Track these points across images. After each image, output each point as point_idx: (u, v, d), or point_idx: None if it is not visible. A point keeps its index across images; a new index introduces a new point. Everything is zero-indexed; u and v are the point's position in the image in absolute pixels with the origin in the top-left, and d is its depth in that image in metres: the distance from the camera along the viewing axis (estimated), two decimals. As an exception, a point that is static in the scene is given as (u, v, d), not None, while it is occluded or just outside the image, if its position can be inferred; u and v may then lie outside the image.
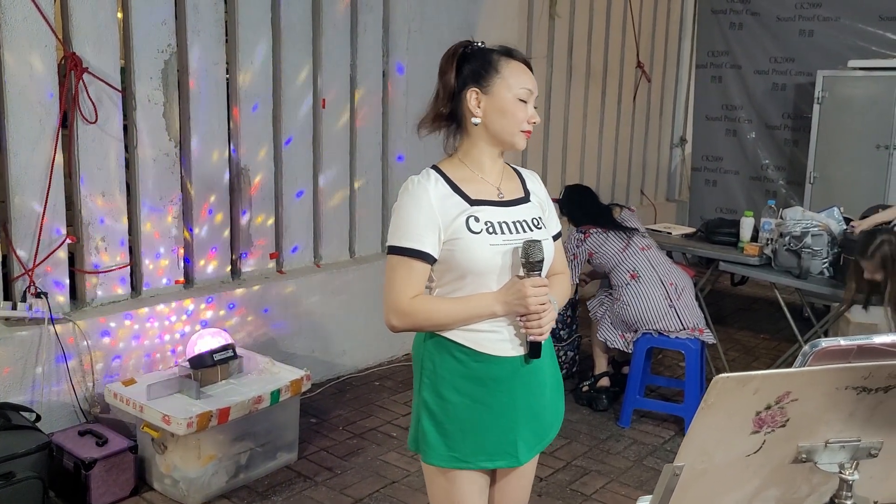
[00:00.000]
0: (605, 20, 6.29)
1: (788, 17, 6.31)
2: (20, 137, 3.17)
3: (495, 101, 1.89)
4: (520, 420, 1.95)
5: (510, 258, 1.87)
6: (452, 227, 1.86)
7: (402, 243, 1.87)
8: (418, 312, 1.88)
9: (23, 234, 3.23)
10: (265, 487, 3.31)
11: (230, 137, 3.95)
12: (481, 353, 1.91)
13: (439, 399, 1.94)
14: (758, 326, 5.70)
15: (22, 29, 3.11)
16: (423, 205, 1.86)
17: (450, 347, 1.92)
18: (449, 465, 1.95)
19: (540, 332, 1.89)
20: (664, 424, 4.01)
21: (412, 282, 1.87)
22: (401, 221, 1.88)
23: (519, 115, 1.89)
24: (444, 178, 1.91)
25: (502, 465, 1.98)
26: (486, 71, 1.90)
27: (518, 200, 1.97)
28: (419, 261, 1.86)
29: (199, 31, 3.69)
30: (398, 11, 4.55)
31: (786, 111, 6.44)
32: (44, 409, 3.21)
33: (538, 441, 2.03)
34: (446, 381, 1.93)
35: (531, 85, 1.90)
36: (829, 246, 4.04)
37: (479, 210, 1.88)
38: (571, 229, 4.26)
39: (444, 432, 1.93)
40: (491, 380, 1.92)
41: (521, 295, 1.84)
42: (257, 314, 4.05)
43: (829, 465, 1.10)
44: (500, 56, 1.91)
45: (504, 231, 1.88)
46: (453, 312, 1.88)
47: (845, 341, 1.04)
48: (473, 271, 1.87)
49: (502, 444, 1.95)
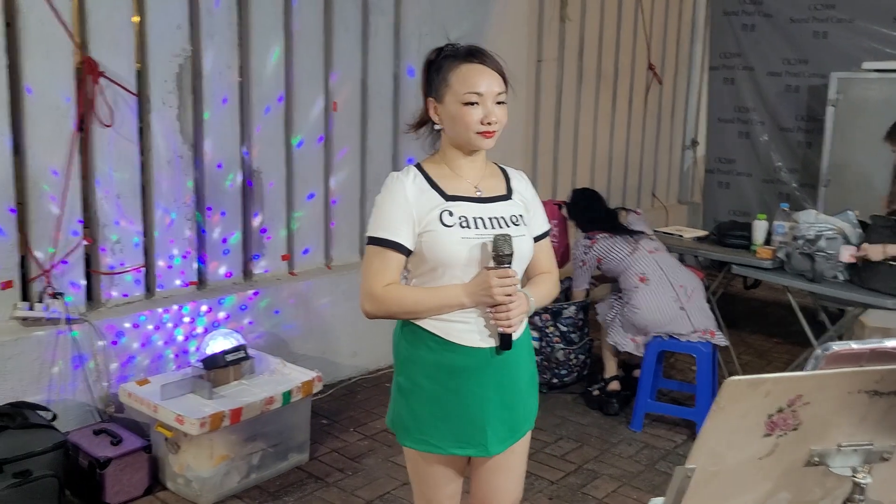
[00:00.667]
0: (615, 22, 6.28)
1: (802, 18, 6.28)
2: (38, 140, 3.21)
3: (447, 109, 1.97)
4: (490, 411, 2.01)
5: (482, 252, 1.94)
6: (426, 220, 1.94)
7: (377, 234, 1.96)
8: (390, 300, 1.96)
9: (40, 235, 3.27)
10: (277, 488, 3.33)
11: (243, 140, 3.97)
12: (451, 342, 1.98)
13: (412, 384, 2.03)
14: (771, 330, 5.68)
15: (39, 34, 3.15)
16: (398, 199, 1.96)
17: (422, 336, 2.00)
18: (419, 448, 2.04)
19: (508, 324, 1.94)
20: (676, 428, 4.00)
21: (386, 270, 1.96)
22: (378, 214, 1.98)
23: (467, 119, 1.94)
24: (423, 174, 2.01)
25: (472, 453, 2.04)
26: (437, 81, 1.98)
27: (497, 198, 2.04)
28: (393, 251, 1.95)
29: (213, 34, 3.72)
30: (409, 15, 4.57)
31: (799, 113, 6.40)
32: (60, 408, 3.25)
33: (510, 434, 2.08)
34: (419, 367, 2.02)
35: (481, 87, 1.93)
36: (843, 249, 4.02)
37: (454, 205, 1.96)
38: (579, 235, 4.27)
39: (415, 416, 2.03)
40: (461, 369, 1.98)
41: (486, 286, 1.90)
42: (269, 315, 4.07)
43: (841, 468, 1.10)
44: (451, 62, 1.97)
45: (478, 226, 1.95)
46: (422, 301, 1.97)
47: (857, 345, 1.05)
48: (445, 263, 1.95)
49: (471, 433, 2.01)
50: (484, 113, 1.93)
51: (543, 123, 5.79)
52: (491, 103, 1.94)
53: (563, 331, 4.42)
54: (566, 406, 4.26)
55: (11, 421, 2.84)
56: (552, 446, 3.78)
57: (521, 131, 5.41)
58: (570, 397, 4.37)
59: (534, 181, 5.97)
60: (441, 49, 2.02)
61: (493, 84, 1.95)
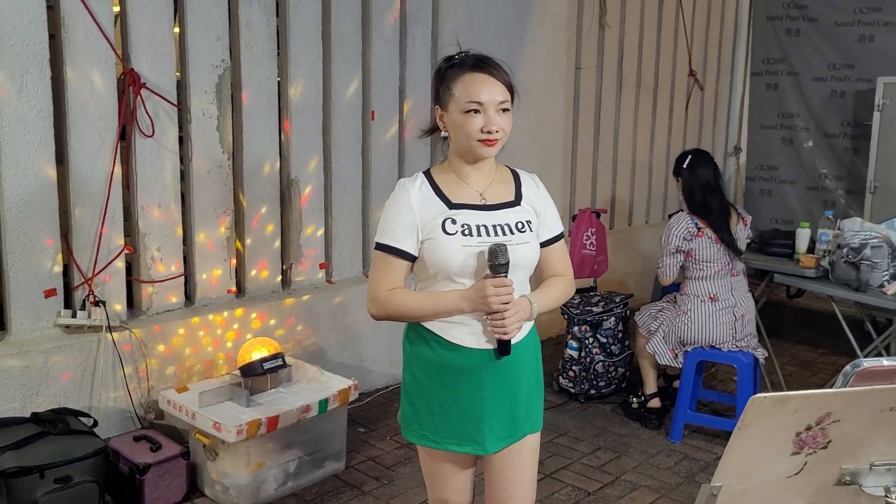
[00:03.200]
0: (656, 29, 6.22)
1: (847, 22, 6.15)
2: (81, 151, 3.28)
3: (451, 117, 2.02)
4: (488, 410, 2.06)
5: (481, 259, 1.98)
6: (429, 228, 2.00)
7: (382, 240, 2.05)
8: (392, 304, 2.04)
9: (83, 244, 3.34)
10: (313, 496, 3.34)
11: (281, 149, 4.01)
12: (451, 342, 2.04)
13: (415, 381, 2.12)
14: (816, 340, 5.56)
15: (83, 47, 3.23)
16: (403, 206, 2.03)
17: (425, 336, 2.07)
18: (419, 443, 2.14)
19: (504, 331, 1.98)
20: (716, 440, 3.93)
21: (389, 275, 2.04)
22: (384, 220, 2.06)
23: (467, 127, 1.97)
24: (430, 181, 2.07)
25: (469, 450, 2.10)
26: (442, 90, 2.03)
27: (504, 205, 2.07)
28: (396, 257, 2.03)
29: (251, 46, 3.77)
30: (447, 24, 4.58)
31: (845, 119, 6.27)
32: (101, 414, 3.31)
33: (508, 434, 2.12)
34: (421, 365, 2.10)
35: (482, 96, 1.96)
36: (889, 258, 3.92)
37: (458, 213, 2.01)
38: (682, 213, 3.87)
39: (417, 412, 2.12)
40: (459, 369, 2.05)
41: (483, 294, 1.95)
42: (307, 323, 4.10)
43: (874, 488, 1.07)
44: (456, 71, 2.01)
45: (481, 234, 2.00)
46: (422, 306, 2.04)
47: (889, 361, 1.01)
48: (445, 270, 2.00)
49: (469, 430, 2.07)
50: (485, 121, 1.96)
51: (582, 131, 5.75)
52: (492, 112, 1.97)
53: (603, 342, 4.37)
54: (605, 416, 4.22)
55: (53, 427, 2.90)
56: (590, 457, 3.75)
57: (560, 139, 5.38)
58: (609, 407, 4.33)
59: (573, 189, 5.93)
60: (451, 58, 2.06)
61: (496, 93, 1.97)
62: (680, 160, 3.95)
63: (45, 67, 3.12)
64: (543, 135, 5.14)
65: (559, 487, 3.44)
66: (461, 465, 2.18)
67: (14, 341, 3.18)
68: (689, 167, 3.87)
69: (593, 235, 4.74)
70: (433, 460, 2.17)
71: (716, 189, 3.84)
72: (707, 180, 3.83)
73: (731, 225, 3.84)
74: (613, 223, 6.17)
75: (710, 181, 3.83)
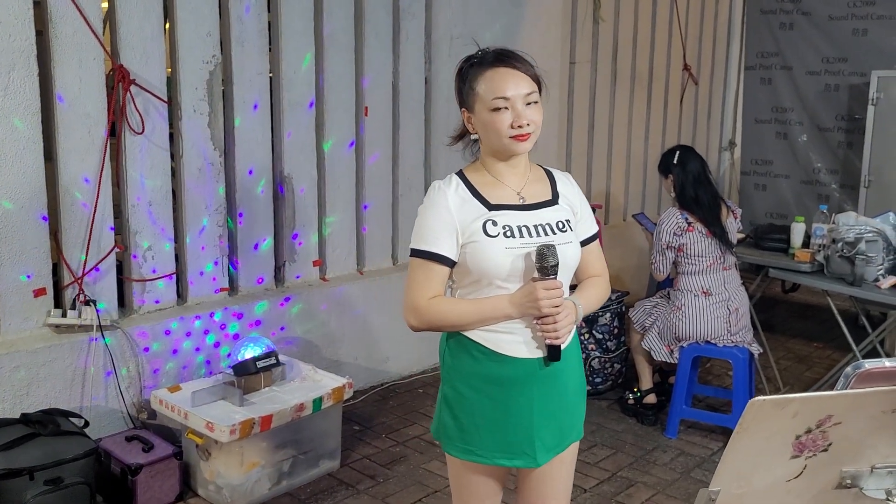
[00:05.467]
0: (650, 23, 6.20)
1: (841, 16, 6.13)
2: (70, 148, 3.25)
3: (478, 118, 1.95)
4: (537, 422, 1.97)
5: (526, 262, 1.90)
6: (470, 231, 1.91)
7: (420, 246, 1.94)
8: (433, 313, 1.94)
9: (72, 242, 3.31)
10: (307, 495, 3.32)
11: (274, 146, 3.98)
12: (498, 353, 1.94)
13: (457, 394, 2.00)
14: (811, 334, 5.55)
15: (72, 43, 3.19)
16: (440, 209, 1.93)
17: (468, 346, 1.97)
18: (464, 458, 2.01)
19: (556, 336, 1.90)
20: (712, 435, 3.92)
21: (429, 283, 1.94)
22: (420, 225, 1.96)
23: (497, 126, 1.90)
24: (465, 183, 1.97)
25: (519, 464, 2.01)
26: (466, 91, 1.96)
27: (543, 204, 2.00)
28: (436, 263, 1.92)
29: (242, 41, 3.73)
30: (440, 19, 4.55)
31: (839, 113, 6.26)
32: (92, 414, 3.28)
33: (557, 444, 2.04)
34: (464, 377, 1.98)
35: (507, 90, 1.89)
36: (884, 252, 3.91)
37: (498, 214, 1.92)
38: (672, 208, 3.88)
39: (460, 426, 1.99)
40: (507, 380, 1.95)
41: (533, 297, 1.86)
42: (300, 321, 4.07)
43: (875, 490, 1.05)
44: (477, 70, 1.94)
45: (523, 234, 1.91)
46: (467, 314, 1.93)
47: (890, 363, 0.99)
48: (489, 274, 1.91)
49: (519, 443, 1.98)
50: (513, 116, 1.89)
51: (577, 126, 5.73)
52: (520, 106, 1.89)
53: (599, 338, 4.35)
54: (601, 412, 4.20)
55: (43, 428, 2.87)
56: (586, 453, 3.73)
57: (554, 134, 5.35)
58: (605, 403, 4.31)
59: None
60: (470, 57, 1.99)
61: (521, 86, 1.90)
62: (668, 157, 3.95)
63: (32, 64, 3.08)
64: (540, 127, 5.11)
65: (555, 485, 3.42)
66: (500, 480, 2.09)
67: (3, 341, 3.15)
68: (679, 163, 3.87)
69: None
70: (471, 475, 2.05)
71: (706, 182, 3.86)
72: (697, 173, 3.85)
73: (722, 218, 3.84)
74: (608, 218, 6.14)
75: (699, 174, 3.85)
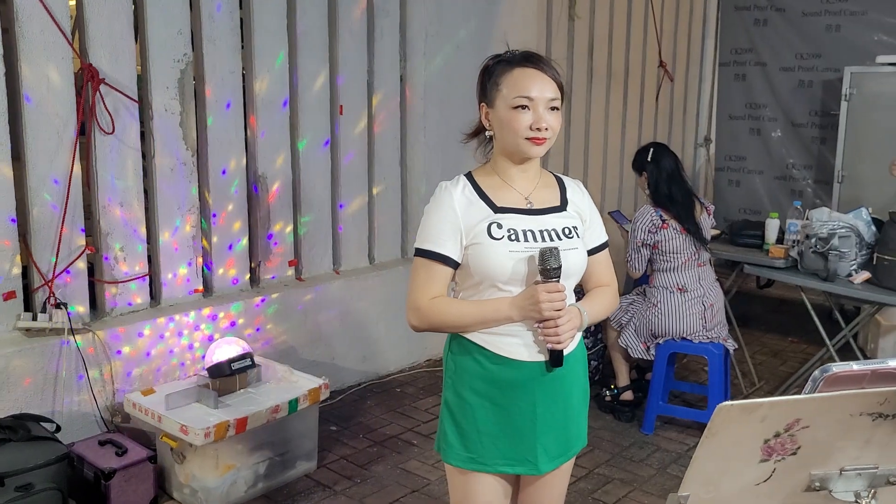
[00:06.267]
0: (625, 20, 6.21)
1: (814, 12, 6.19)
2: (38, 149, 3.19)
3: (498, 114, 1.92)
4: (540, 427, 1.94)
5: (529, 266, 1.88)
6: (474, 233, 1.89)
7: (424, 246, 1.93)
8: (434, 313, 1.92)
9: (42, 245, 3.25)
10: (284, 497, 3.30)
11: (247, 145, 3.94)
12: (500, 356, 1.92)
13: (459, 399, 1.97)
14: (786, 329, 5.60)
15: (39, 41, 3.13)
16: (446, 210, 1.91)
17: (470, 349, 1.95)
18: (465, 466, 1.97)
19: (557, 340, 1.87)
20: (688, 431, 3.94)
21: (432, 283, 1.92)
22: (425, 225, 1.95)
23: (515, 124, 1.88)
24: (473, 184, 1.96)
25: (521, 471, 1.98)
26: (489, 85, 1.94)
27: (550, 209, 1.98)
28: (439, 263, 1.91)
29: (214, 39, 3.69)
30: (415, 15, 4.52)
31: (812, 108, 6.31)
32: (64, 419, 3.23)
33: (561, 452, 2.00)
34: (466, 382, 1.96)
35: (532, 91, 1.87)
36: (856, 248, 3.94)
37: (503, 217, 1.91)
38: (647, 206, 3.88)
39: (462, 433, 1.96)
40: (509, 384, 1.92)
41: (535, 300, 1.84)
42: (276, 322, 4.04)
43: (844, 493, 1.05)
44: (504, 66, 1.92)
45: (528, 239, 1.90)
46: (468, 315, 1.92)
47: (858, 366, 0.99)
48: (491, 277, 1.89)
49: (521, 450, 1.95)
50: (534, 118, 1.87)
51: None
52: (542, 109, 1.88)
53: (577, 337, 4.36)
54: (577, 410, 4.20)
55: (14, 434, 2.82)
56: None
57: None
58: (581, 401, 4.31)
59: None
60: (498, 56, 1.97)
61: (546, 89, 1.89)
62: (642, 154, 3.97)
63: (-2, 63, 3.03)
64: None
65: (532, 483, 3.43)
66: (504, 490, 2.03)
67: (-28, 346, 3.10)
68: (653, 160, 3.89)
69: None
70: (477, 485, 1.99)
71: (679, 179, 3.88)
72: (671, 171, 3.86)
73: (696, 215, 3.86)
74: (585, 215, 6.15)
75: (673, 171, 3.87)
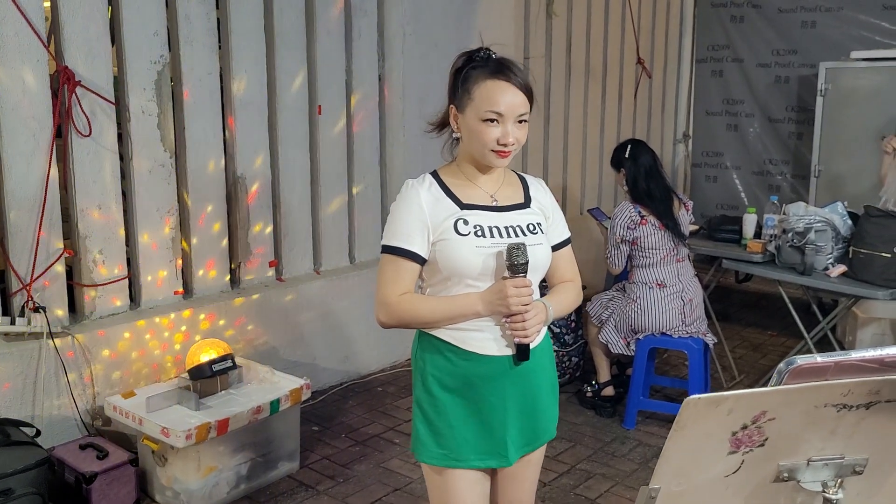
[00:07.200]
0: (603, 17, 6.24)
1: (790, 8, 6.25)
2: (14, 152, 3.17)
3: (467, 122, 1.94)
4: (510, 420, 1.98)
5: (496, 261, 1.91)
6: (441, 229, 1.92)
7: (391, 242, 1.95)
8: (402, 309, 1.94)
9: (20, 248, 3.23)
10: (267, 498, 3.30)
11: (226, 146, 3.93)
12: (467, 350, 1.95)
13: (429, 396, 1.99)
14: (765, 323, 5.65)
15: (13, 44, 3.11)
16: (413, 207, 1.94)
17: (438, 345, 1.97)
18: (440, 464, 1.99)
19: (524, 334, 1.90)
20: (669, 426, 3.90)
21: (399, 279, 1.95)
22: (392, 222, 1.97)
23: (484, 137, 1.90)
24: (438, 182, 1.99)
25: (494, 464, 2.01)
26: (461, 91, 1.95)
27: (514, 206, 2.01)
28: (407, 259, 1.94)
29: (191, 40, 3.68)
30: (393, 15, 4.53)
31: (789, 104, 6.38)
32: (44, 423, 3.21)
33: (527, 443, 2.05)
34: (435, 378, 1.98)
35: (502, 106, 1.88)
36: (833, 241, 3.99)
37: (470, 214, 1.94)
38: (626, 202, 3.90)
39: (434, 430, 1.98)
40: (478, 378, 1.95)
41: (503, 295, 1.87)
42: (257, 323, 4.04)
43: (812, 483, 1.07)
44: (478, 75, 1.92)
45: (494, 235, 1.93)
46: (437, 310, 1.94)
47: (822, 358, 1.01)
48: (458, 272, 1.92)
49: (493, 443, 1.98)
50: (502, 132, 1.89)
51: (533, 121, 5.70)
52: (511, 124, 1.90)
53: (556, 332, 4.38)
54: (559, 406, 4.21)
55: (-8, 439, 2.82)
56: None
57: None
58: (564, 397, 4.33)
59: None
60: (471, 55, 1.96)
61: (517, 105, 1.90)
62: (620, 151, 3.99)
63: (-28, 67, 3.01)
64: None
65: (515, 479, 3.44)
66: (482, 484, 2.05)
67: (-51, 351, 3.08)
68: (631, 157, 3.91)
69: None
70: (454, 481, 2.00)
71: (657, 175, 3.90)
72: (649, 167, 3.89)
73: (674, 211, 3.89)
74: (565, 212, 6.14)
75: (651, 167, 3.89)
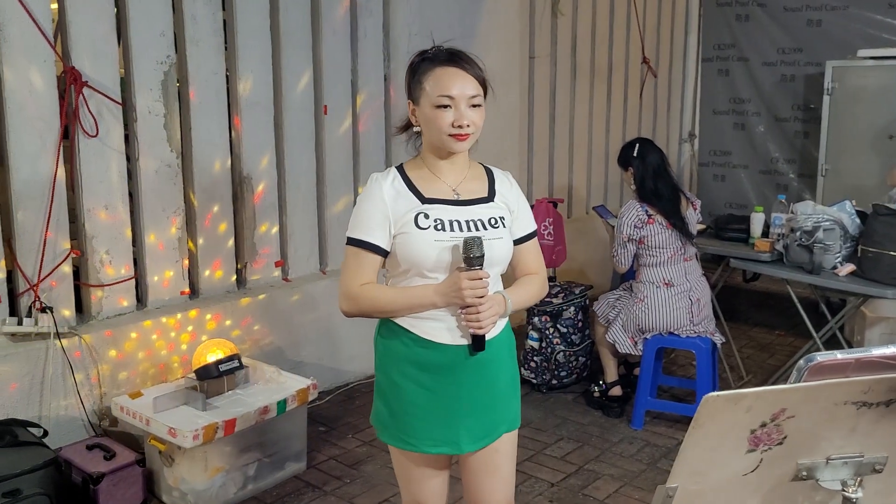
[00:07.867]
0: (608, 16, 6.23)
1: (796, 7, 6.23)
2: (21, 153, 3.17)
3: (423, 112, 2.01)
4: (463, 409, 2.04)
5: (454, 254, 1.97)
6: (402, 222, 1.98)
7: (354, 235, 2.03)
8: (364, 299, 2.01)
9: (27, 249, 3.23)
10: (274, 498, 3.29)
11: (232, 146, 3.93)
12: (425, 339, 2.01)
13: (388, 380, 2.07)
14: (773, 322, 5.63)
15: (20, 45, 3.11)
16: (376, 200, 2.01)
17: (398, 332, 2.04)
18: (396, 445, 2.09)
19: (478, 326, 1.95)
20: (677, 426, 3.96)
21: (361, 270, 2.02)
22: (356, 214, 2.04)
23: (439, 122, 1.97)
24: (403, 176, 2.05)
25: (445, 451, 2.07)
26: (414, 84, 2.03)
27: (477, 200, 2.06)
28: (368, 252, 2.01)
29: (197, 41, 3.67)
30: (398, 15, 4.52)
31: (795, 103, 6.36)
32: (52, 423, 3.21)
33: (485, 434, 2.09)
34: (394, 364, 2.06)
35: (453, 90, 1.95)
36: (841, 240, 3.97)
37: (431, 208, 1.99)
38: (632, 201, 3.87)
39: (392, 413, 2.07)
40: (435, 366, 2.02)
41: (457, 287, 1.92)
42: (263, 323, 4.03)
43: (831, 482, 1.06)
44: (428, 66, 2.00)
45: (454, 228, 1.98)
46: (395, 301, 2.01)
47: (842, 355, 1.00)
48: (417, 265, 1.98)
49: (444, 430, 2.04)
50: (456, 116, 1.96)
51: (538, 120, 5.74)
52: (464, 107, 1.96)
53: (563, 332, 4.37)
54: (566, 406, 4.22)
55: (0, 439, 2.81)
56: (552, 447, 3.74)
57: (515, 129, 5.36)
58: (571, 397, 4.33)
59: (529, 179, 5.93)
60: (423, 52, 2.04)
61: (467, 87, 1.97)
62: (628, 149, 3.97)
63: (-21, 67, 3.01)
64: (498, 125, 5.11)
65: (522, 479, 3.43)
66: (437, 467, 2.14)
67: (-43, 352, 3.07)
68: (639, 155, 3.89)
69: (551, 225, 4.73)
70: (409, 462, 2.12)
71: (665, 174, 3.89)
72: (656, 166, 3.87)
73: (682, 210, 3.87)
74: (571, 212, 6.18)
75: (659, 166, 3.87)
